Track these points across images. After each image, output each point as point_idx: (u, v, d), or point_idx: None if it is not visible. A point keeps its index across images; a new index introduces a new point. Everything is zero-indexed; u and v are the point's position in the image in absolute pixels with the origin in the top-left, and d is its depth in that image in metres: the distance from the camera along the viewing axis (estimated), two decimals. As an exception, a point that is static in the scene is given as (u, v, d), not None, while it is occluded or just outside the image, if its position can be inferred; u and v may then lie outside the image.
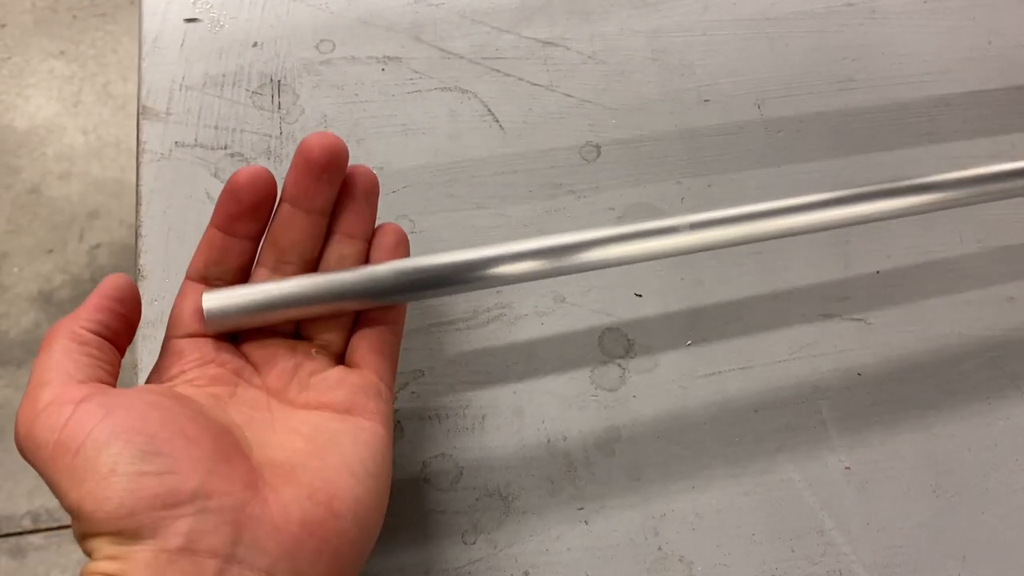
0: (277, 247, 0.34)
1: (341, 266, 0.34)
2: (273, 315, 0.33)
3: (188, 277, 0.34)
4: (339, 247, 0.34)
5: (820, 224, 0.37)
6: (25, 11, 1.63)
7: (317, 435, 0.30)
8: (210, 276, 0.33)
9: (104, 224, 1.43)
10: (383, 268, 0.33)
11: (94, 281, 1.39)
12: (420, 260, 0.34)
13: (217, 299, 0.32)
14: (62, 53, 1.59)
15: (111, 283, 0.31)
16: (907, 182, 0.38)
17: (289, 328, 0.34)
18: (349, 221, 0.34)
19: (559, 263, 0.35)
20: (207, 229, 0.34)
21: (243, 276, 0.34)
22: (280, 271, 0.34)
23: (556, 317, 0.40)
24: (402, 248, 0.35)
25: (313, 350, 0.34)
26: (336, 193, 0.34)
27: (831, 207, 0.37)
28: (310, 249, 0.34)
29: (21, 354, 1.33)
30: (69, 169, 1.48)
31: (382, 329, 0.34)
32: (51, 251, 1.41)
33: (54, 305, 1.37)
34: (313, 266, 0.35)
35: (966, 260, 0.42)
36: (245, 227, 0.33)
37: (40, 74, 1.57)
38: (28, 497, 1.22)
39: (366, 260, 0.35)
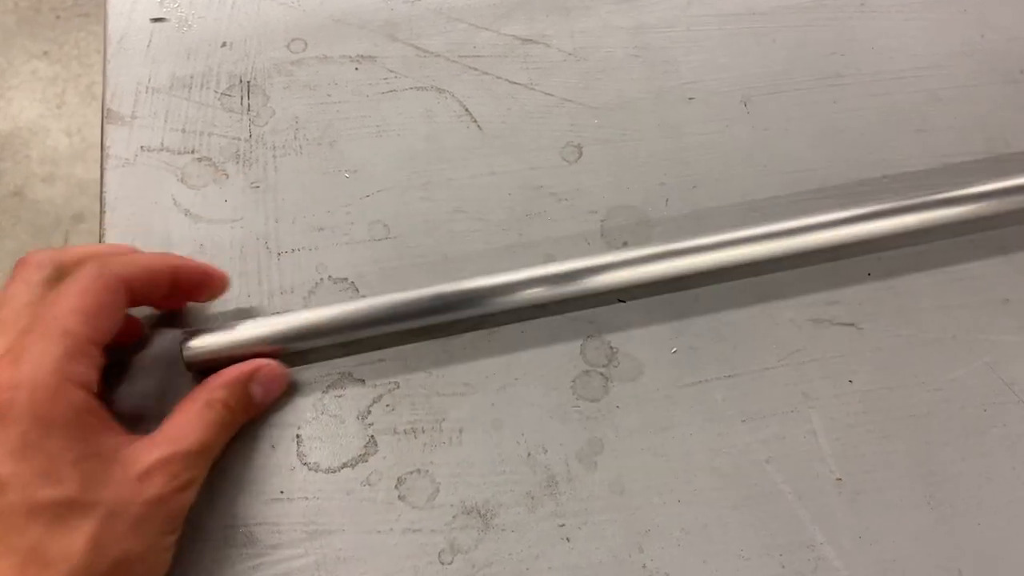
0: None
1: None
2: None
3: None
4: None
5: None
6: (7, 11, 1.61)
7: None
8: None
9: (89, 227, 1.41)
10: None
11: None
12: (347, 305, 0.36)
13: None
14: (45, 54, 1.57)
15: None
16: (895, 203, 0.40)
17: None
18: None
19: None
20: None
21: None
22: None
23: (536, 325, 0.38)
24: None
25: None
26: None
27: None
28: None
29: (5, 359, 1.31)
30: (53, 171, 1.46)
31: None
32: (35, 255, 1.39)
33: (38, 309, 1.34)
34: None
35: (959, 262, 0.41)
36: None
37: (23, 75, 1.54)
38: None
39: None
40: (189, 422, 0.32)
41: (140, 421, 0.35)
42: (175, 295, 0.35)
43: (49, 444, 0.28)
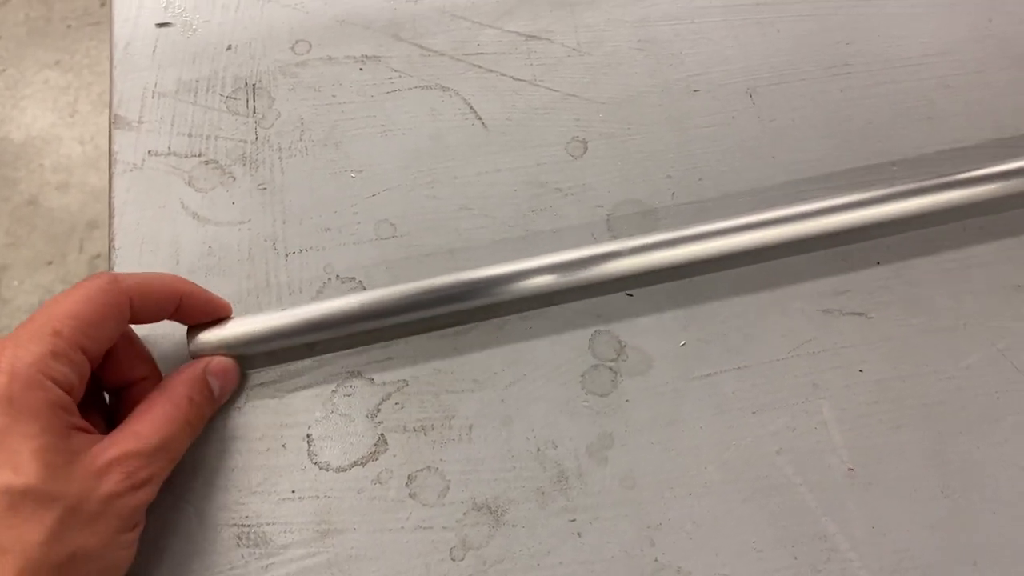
0: None
1: None
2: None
3: None
4: None
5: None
6: (19, 22, 1.62)
7: None
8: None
9: (103, 234, 1.42)
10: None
11: (95, 291, 1.37)
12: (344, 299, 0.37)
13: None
14: (57, 63, 1.58)
15: None
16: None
17: None
18: None
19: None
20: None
21: None
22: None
23: (544, 320, 0.38)
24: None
25: None
26: None
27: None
28: None
29: (23, 367, 1.32)
30: (67, 180, 1.47)
31: None
32: (51, 263, 1.40)
33: (55, 317, 1.35)
34: None
35: (970, 248, 0.40)
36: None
37: (35, 85, 1.56)
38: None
39: None
40: (151, 419, 0.32)
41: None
42: (177, 318, 0.35)
43: (15, 431, 0.28)
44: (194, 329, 0.35)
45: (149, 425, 0.32)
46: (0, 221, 1.42)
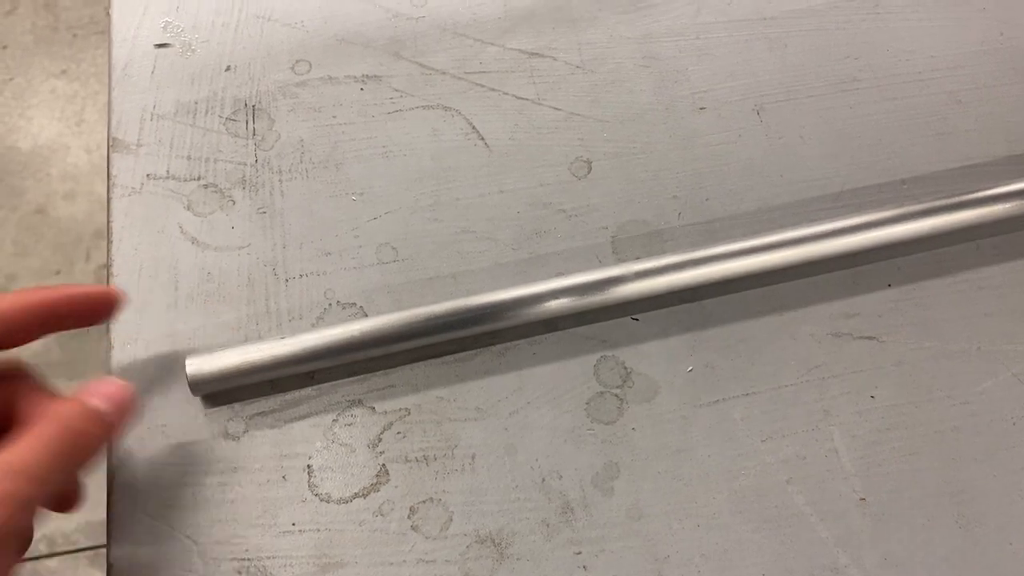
0: None
1: None
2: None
3: None
4: None
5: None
6: (26, 31, 1.62)
7: None
8: None
9: (110, 243, 1.42)
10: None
11: (102, 300, 1.38)
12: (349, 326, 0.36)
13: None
14: (64, 72, 1.58)
15: None
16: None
17: None
18: None
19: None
20: None
21: None
22: None
23: (548, 346, 0.38)
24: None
25: None
26: None
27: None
28: None
29: (31, 377, 1.32)
30: (74, 188, 1.47)
31: None
32: (58, 272, 1.40)
33: (63, 326, 1.36)
34: None
35: (983, 269, 0.39)
36: None
37: (42, 94, 1.56)
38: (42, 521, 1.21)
39: None
40: (22, 437, 0.28)
41: (146, 448, 0.35)
42: (62, 327, 0.32)
43: None
44: (191, 359, 0.35)
45: (20, 443, 0.28)
46: (8, 230, 1.43)
